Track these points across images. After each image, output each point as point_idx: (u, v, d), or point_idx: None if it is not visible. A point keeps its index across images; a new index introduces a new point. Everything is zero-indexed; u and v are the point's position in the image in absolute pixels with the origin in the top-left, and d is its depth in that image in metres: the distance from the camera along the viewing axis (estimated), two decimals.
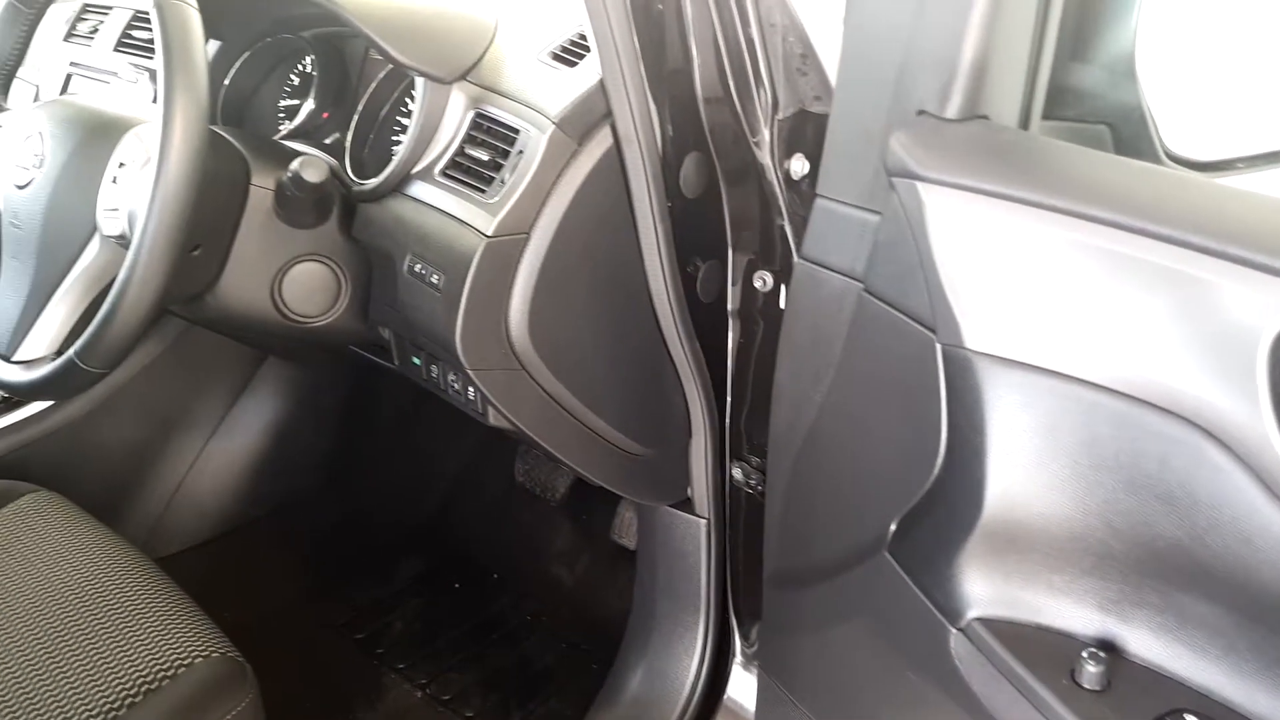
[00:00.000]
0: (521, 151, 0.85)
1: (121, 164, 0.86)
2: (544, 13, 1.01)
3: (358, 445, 1.65)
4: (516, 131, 0.87)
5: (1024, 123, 0.65)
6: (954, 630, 0.66)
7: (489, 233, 0.83)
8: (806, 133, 0.88)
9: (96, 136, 0.88)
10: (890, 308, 0.66)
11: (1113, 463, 0.57)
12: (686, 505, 1.08)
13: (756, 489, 1.04)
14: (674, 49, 0.85)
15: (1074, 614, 0.62)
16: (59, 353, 0.89)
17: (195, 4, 0.81)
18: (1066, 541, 0.60)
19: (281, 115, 1.19)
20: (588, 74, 0.87)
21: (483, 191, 0.87)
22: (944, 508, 0.64)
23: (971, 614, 0.65)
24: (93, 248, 0.87)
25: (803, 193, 0.90)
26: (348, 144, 1.06)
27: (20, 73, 1.25)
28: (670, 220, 0.89)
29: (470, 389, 0.95)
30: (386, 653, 1.44)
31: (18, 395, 0.90)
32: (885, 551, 0.71)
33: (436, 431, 1.65)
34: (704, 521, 1.07)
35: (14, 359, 0.89)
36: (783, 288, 0.95)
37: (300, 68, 1.18)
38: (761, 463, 1.04)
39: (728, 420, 1.04)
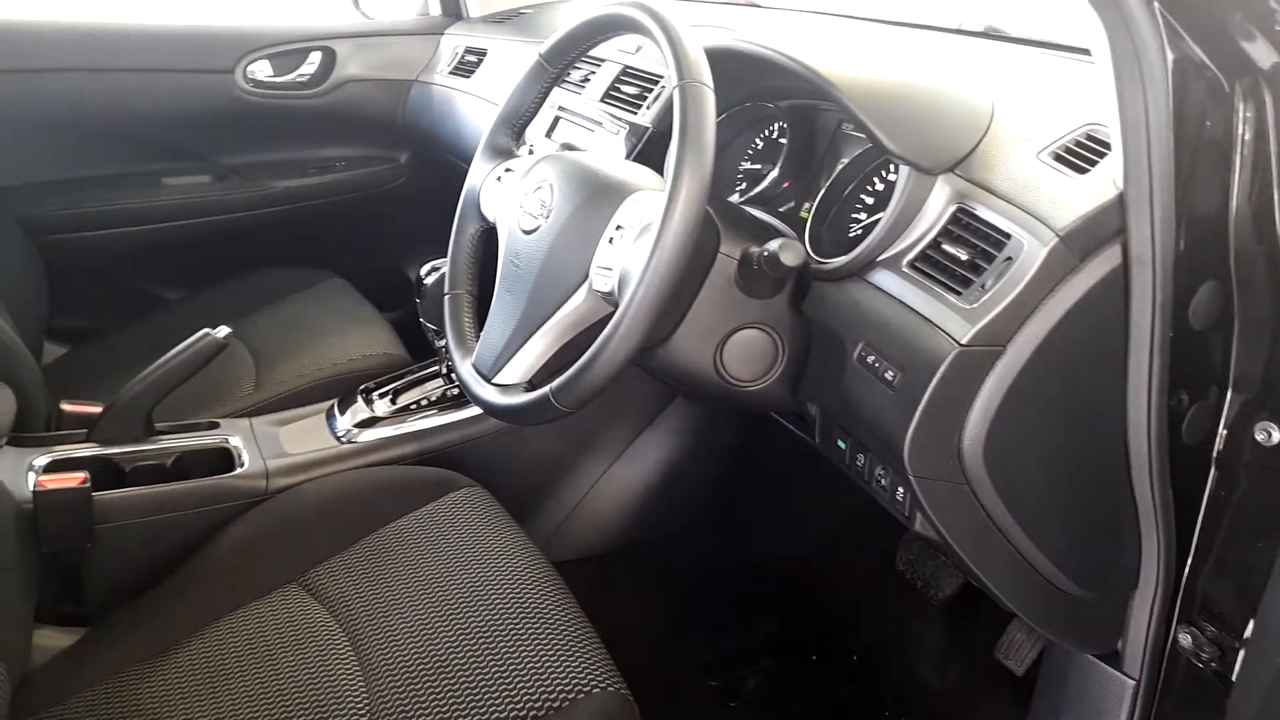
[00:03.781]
0: (1010, 259, 0.80)
1: (619, 226, 0.92)
2: (1044, 104, 0.94)
3: (738, 492, 1.68)
4: (1007, 236, 0.81)
5: None
6: None
7: (962, 341, 0.79)
8: None
9: (599, 197, 0.95)
10: None
11: None
12: (1113, 659, 0.96)
13: (1208, 664, 0.90)
14: (1213, 169, 0.76)
15: None
16: (530, 384, 0.98)
17: (712, 85, 0.85)
18: None
19: (740, 178, 1.23)
20: (1101, 184, 0.79)
21: (958, 294, 0.82)
22: None
23: None
24: (578, 297, 0.94)
25: None
26: (809, 219, 1.06)
27: None
28: (1168, 351, 0.79)
29: (900, 490, 0.91)
30: (739, 707, 1.44)
31: (491, 414, 0.99)
32: None
33: (814, 494, 1.63)
34: (1132, 683, 0.94)
35: (493, 381, 0.99)
36: None
37: (766, 134, 1.21)
38: (1219, 635, 0.90)
39: (1184, 577, 0.91)
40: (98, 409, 1.27)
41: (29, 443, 1.23)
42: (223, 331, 1.30)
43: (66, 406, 1.28)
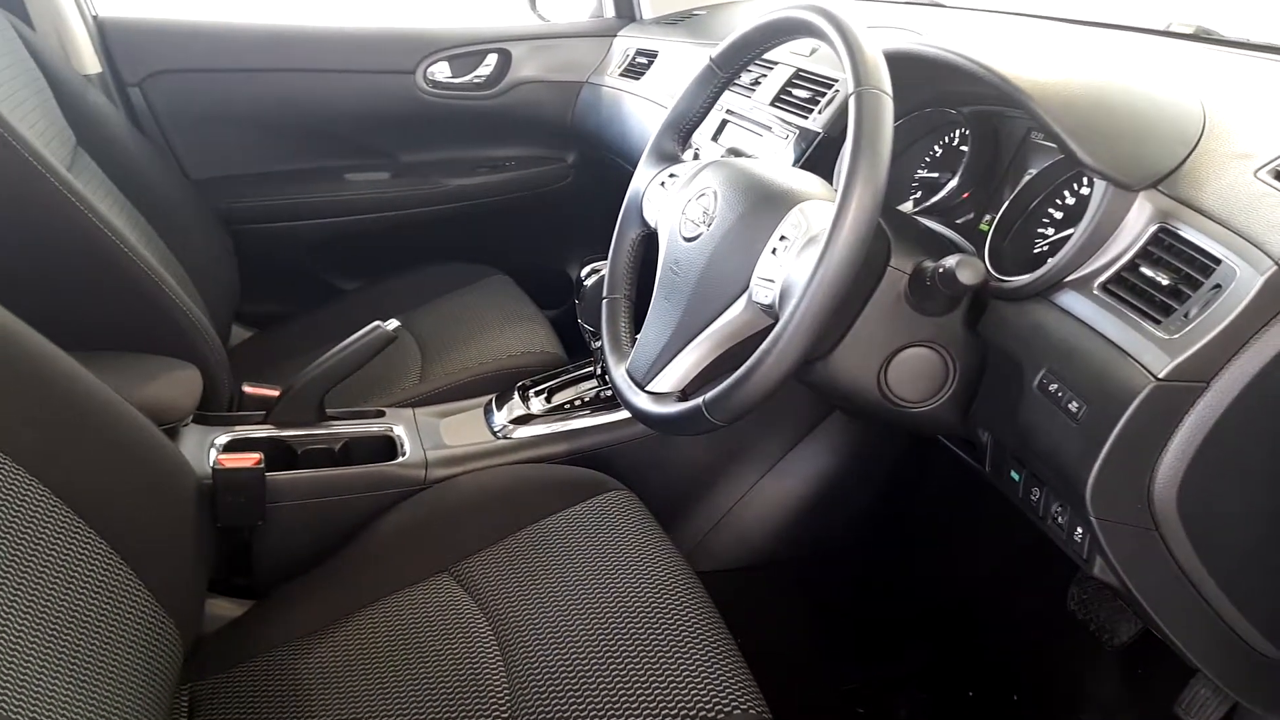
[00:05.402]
0: (1219, 286, 0.72)
1: (783, 237, 0.89)
2: (1265, 116, 0.85)
3: (896, 514, 1.61)
4: (1216, 261, 0.73)
5: None
6: None
7: (1160, 374, 0.72)
8: None
9: (764, 207, 0.92)
10: None
11: None
12: None
13: None
14: None
15: None
16: (683, 394, 0.96)
17: (891, 92, 0.81)
18: None
19: (915, 186, 1.17)
20: None
21: (1156, 322, 0.75)
22: None
23: None
24: (737, 307, 0.92)
25: None
26: (989, 232, 1.00)
27: None
28: None
29: (1079, 531, 0.84)
30: None
31: (643, 422, 0.98)
32: None
33: (980, 523, 1.54)
34: None
35: (646, 389, 0.98)
36: None
37: (946, 141, 1.15)
38: None
39: None
40: (276, 392, 1.34)
41: (212, 421, 1.32)
42: (393, 324, 1.35)
43: (248, 388, 1.36)
